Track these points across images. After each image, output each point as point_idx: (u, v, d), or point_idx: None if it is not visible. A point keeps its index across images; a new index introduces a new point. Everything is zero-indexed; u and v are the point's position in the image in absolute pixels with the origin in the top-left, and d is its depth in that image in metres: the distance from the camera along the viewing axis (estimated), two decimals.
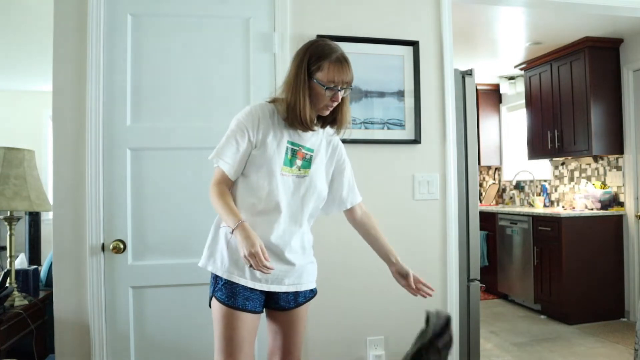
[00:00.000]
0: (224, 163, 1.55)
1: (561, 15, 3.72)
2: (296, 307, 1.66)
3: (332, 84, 1.51)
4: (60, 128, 2.14)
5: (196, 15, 2.24)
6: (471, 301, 2.61)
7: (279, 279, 1.59)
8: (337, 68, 1.52)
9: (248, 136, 1.55)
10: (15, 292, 2.26)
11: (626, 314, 4.19)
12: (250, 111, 1.58)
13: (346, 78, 1.54)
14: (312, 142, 1.63)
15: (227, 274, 1.54)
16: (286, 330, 1.67)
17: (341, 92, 1.55)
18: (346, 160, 1.75)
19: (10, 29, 3.78)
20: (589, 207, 4.38)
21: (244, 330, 1.52)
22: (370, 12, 2.44)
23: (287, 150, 1.57)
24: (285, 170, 1.57)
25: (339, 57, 1.54)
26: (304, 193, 1.61)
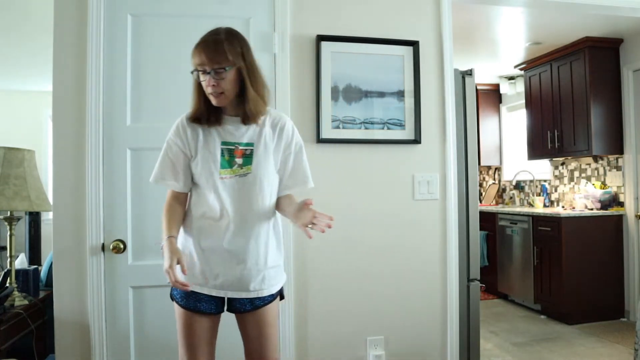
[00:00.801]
0: (165, 182, 1.60)
1: (561, 15, 3.72)
2: (254, 310, 1.61)
3: (198, 66, 1.48)
4: (60, 128, 2.14)
5: (196, 16, 2.24)
6: (471, 301, 2.61)
7: (234, 284, 1.57)
8: (199, 50, 1.48)
9: (179, 148, 1.58)
10: (15, 292, 2.26)
11: (626, 314, 4.19)
12: (175, 126, 1.60)
13: (211, 58, 1.46)
14: (249, 135, 1.57)
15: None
16: (250, 333, 1.62)
17: (213, 76, 1.46)
18: (292, 145, 1.64)
19: (10, 29, 3.78)
20: (589, 207, 4.38)
21: (198, 330, 1.58)
22: (370, 12, 2.44)
23: (222, 152, 1.55)
24: (224, 173, 1.55)
25: (205, 38, 1.50)
26: (250, 191, 1.56)
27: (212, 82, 1.47)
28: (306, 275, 2.32)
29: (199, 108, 1.55)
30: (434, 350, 2.46)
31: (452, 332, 2.46)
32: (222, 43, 1.47)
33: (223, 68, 1.46)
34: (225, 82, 1.48)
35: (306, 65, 2.35)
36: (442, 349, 2.46)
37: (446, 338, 2.46)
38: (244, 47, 1.53)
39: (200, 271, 1.58)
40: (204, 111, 1.55)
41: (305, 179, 1.68)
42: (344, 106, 2.38)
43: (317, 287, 2.34)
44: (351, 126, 2.39)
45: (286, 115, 1.70)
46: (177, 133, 1.59)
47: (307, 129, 2.34)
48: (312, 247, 2.33)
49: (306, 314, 2.32)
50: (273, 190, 1.63)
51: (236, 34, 1.54)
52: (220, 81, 1.47)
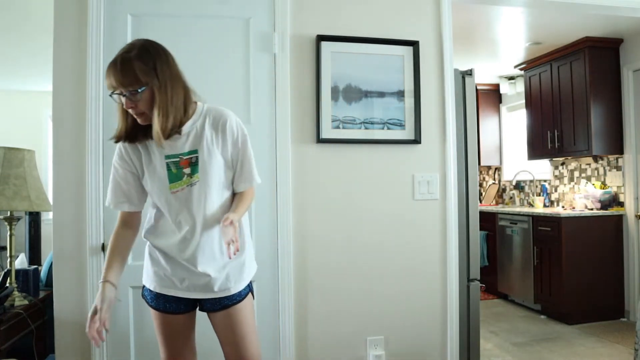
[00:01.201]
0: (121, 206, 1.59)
1: (561, 15, 3.72)
2: (223, 309, 1.60)
3: (110, 89, 1.41)
4: (60, 128, 2.14)
5: (196, 16, 2.24)
6: (471, 301, 2.61)
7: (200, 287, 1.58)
8: (109, 72, 1.39)
9: (126, 169, 1.55)
10: (15, 292, 2.26)
11: (626, 314, 4.19)
12: (118, 149, 1.57)
13: (121, 81, 1.37)
14: (190, 143, 1.51)
15: (147, 282, 1.65)
16: (224, 335, 1.62)
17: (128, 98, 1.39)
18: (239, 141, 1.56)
19: (10, 29, 3.78)
20: (589, 207, 4.38)
21: (172, 328, 1.62)
22: (370, 12, 2.44)
23: (168, 166, 1.51)
24: (175, 187, 1.52)
25: (115, 58, 1.40)
26: (201, 198, 1.52)
27: (129, 105, 1.40)
28: (306, 275, 2.32)
29: (124, 127, 1.49)
30: (434, 350, 2.46)
31: (452, 332, 2.46)
32: (131, 63, 1.38)
33: (136, 90, 1.38)
34: (142, 103, 1.41)
35: (306, 65, 2.35)
36: (442, 349, 2.46)
37: (446, 338, 2.46)
38: (158, 62, 1.43)
39: (168, 275, 1.59)
40: (130, 130, 1.49)
41: (250, 178, 1.59)
42: (344, 106, 2.38)
43: (317, 287, 2.34)
44: (351, 126, 2.39)
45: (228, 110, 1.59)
46: (120, 156, 1.56)
47: (307, 129, 2.34)
48: (312, 247, 2.33)
49: (306, 314, 2.32)
50: (225, 191, 1.59)
51: (149, 48, 1.44)
52: (137, 102, 1.40)
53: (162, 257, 1.59)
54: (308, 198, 2.33)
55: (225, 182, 1.58)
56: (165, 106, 1.42)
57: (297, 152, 2.33)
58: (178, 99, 1.45)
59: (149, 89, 1.40)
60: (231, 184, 1.61)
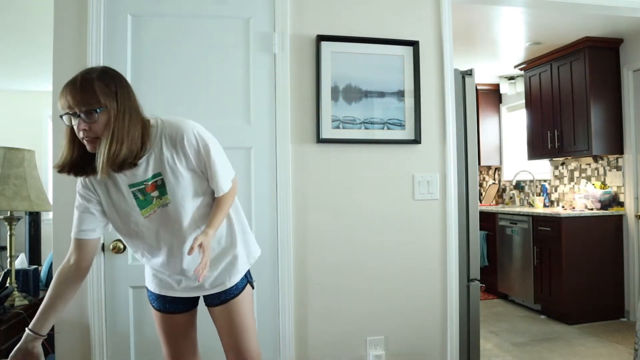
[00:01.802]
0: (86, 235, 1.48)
1: (561, 15, 3.72)
2: (222, 304, 1.62)
3: (66, 109, 1.31)
4: (60, 128, 2.13)
5: (196, 15, 2.24)
6: (471, 301, 2.61)
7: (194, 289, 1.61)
8: (66, 91, 1.30)
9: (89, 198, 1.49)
10: (15, 292, 2.26)
11: (626, 314, 4.19)
12: (79, 181, 1.50)
13: (79, 100, 1.28)
14: (152, 167, 1.44)
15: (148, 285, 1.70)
16: (223, 327, 1.63)
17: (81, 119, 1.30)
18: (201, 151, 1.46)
19: (10, 29, 3.78)
20: (589, 207, 4.38)
21: (173, 327, 1.66)
22: (371, 12, 2.44)
23: (134, 195, 1.46)
24: (147, 212, 1.47)
25: (74, 78, 1.33)
26: (176, 216, 1.49)
27: (82, 126, 1.30)
28: (306, 275, 2.32)
29: (69, 156, 1.38)
30: (434, 350, 2.46)
31: (452, 332, 2.46)
32: (92, 82, 1.31)
33: (94, 110, 1.29)
34: (97, 126, 1.31)
35: (306, 65, 2.35)
36: (442, 349, 2.46)
37: (446, 338, 2.46)
38: (119, 88, 1.36)
39: (165, 278, 1.63)
40: (76, 160, 1.38)
41: (217, 187, 1.51)
42: (344, 106, 2.38)
43: (317, 287, 2.34)
44: (351, 126, 2.39)
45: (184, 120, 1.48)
46: (84, 185, 1.49)
47: (307, 129, 2.34)
48: (312, 247, 2.33)
49: (306, 314, 2.32)
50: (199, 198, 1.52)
51: (112, 73, 1.38)
52: (92, 124, 1.30)
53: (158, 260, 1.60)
54: (308, 198, 2.33)
55: (199, 191, 1.52)
56: (121, 134, 1.32)
57: (297, 152, 2.33)
58: (135, 130, 1.36)
59: (107, 113, 1.32)
60: (208, 187, 1.54)
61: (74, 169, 1.40)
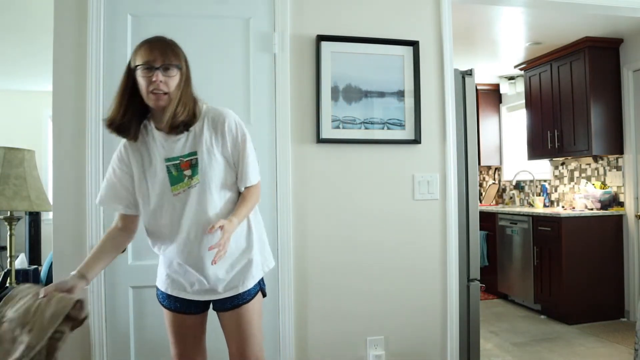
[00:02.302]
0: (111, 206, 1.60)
1: (561, 15, 3.71)
2: (233, 309, 1.61)
3: (147, 62, 1.41)
4: (60, 128, 2.14)
5: (196, 15, 2.24)
6: (471, 301, 2.61)
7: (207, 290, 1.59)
8: (148, 46, 1.44)
9: (123, 171, 1.56)
10: None
11: (626, 314, 4.19)
12: (118, 151, 1.58)
13: (163, 53, 1.42)
14: (190, 145, 1.51)
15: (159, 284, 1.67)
16: (231, 332, 1.63)
17: (161, 72, 1.41)
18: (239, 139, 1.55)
19: (10, 29, 3.78)
20: (589, 207, 4.38)
21: (184, 327, 1.64)
22: (370, 12, 2.44)
23: (168, 169, 1.51)
24: (176, 189, 1.51)
25: (152, 38, 1.47)
26: (202, 200, 1.51)
27: (160, 78, 1.41)
28: (306, 275, 2.32)
29: (118, 112, 1.46)
30: (434, 350, 2.46)
31: (452, 332, 2.46)
32: (171, 43, 1.47)
33: (174, 65, 1.44)
34: (172, 81, 1.44)
35: (306, 65, 2.35)
36: (442, 349, 2.46)
37: (446, 338, 2.46)
38: (186, 59, 1.52)
39: (179, 278, 1.61)
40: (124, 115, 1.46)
41: (244, 177, 1.57)
42: (344, 106, 2.38)
43: (317, 287, 2.34)
44: (351, 126, 2.39)
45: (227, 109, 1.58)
46: (119, 157, 1.56)
47: (307, 129, 2.34)
48: (312, 247, 2.34)
49: (306, 314, 2.32)
50: (227, 192, 1.58)
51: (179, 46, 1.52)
52: (168, 79, 1.43)
53: (174, 264, 1.60)
54: (308, 198, 2.33)
55: (227, 183, 1.57)
56: (186, 98, 1.46)
57: (297, 152, 2.33)
58: (192, 99, 1.50)
59: (180, 73, 1.46)
60: (235, 184, 1.60)
61: (121, 127, 1.48)
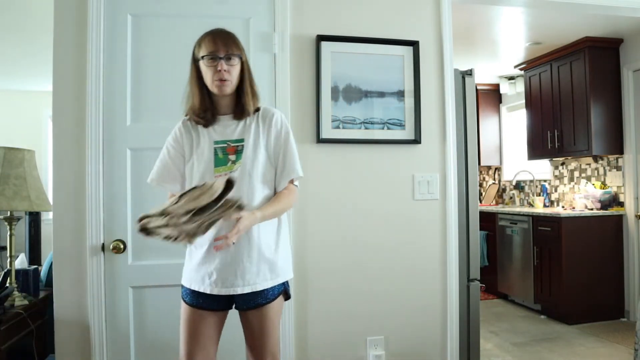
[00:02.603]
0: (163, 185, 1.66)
1: (561, 15, 3.72)
2: (256, 308, 1.63)
3: (211, 53, 1.54)
4: (60, 128, 2.14)
5: (196, 15, 2.24)
6: (471, 301, 2.61)
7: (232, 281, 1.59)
8: (212, 38, 1.56)
9: (177, 151, 1.65)
10: (15, 292, 2.26)
11: (626, 314, 4.19)
12: (173, 131, 1.68)
13: (224, 47, 1.55)
14: (239, 132, 1.63)
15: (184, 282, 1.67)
16: (252, 330, 1.65)
17: (225, 62, 1.55)
18: (282, 134, 1.66)
19: (10, 29, 3.78)
20: (589, 207, 4.38)
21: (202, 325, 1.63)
22: (370, 12, 2.44)
23: (215, 151, 1.60)
24: (219, 171, 1.59)
25: (214, 30, 1.60)
26: (241, 186, 1.56)
27: (224, 67, 1.54)
28: (306, 275, 2.32)
29: (202, 99, 1.60)
30: (434, 350, 2.46)
31: (452, 332, 2.46)
32: (232, 35, 1.60)
33: (236, 55, 1.57)
34: (234, 70, 1.57)
35: (306, 65, 2.35)
36: (442, 349, 2.46)
37: (446, 338, 2.46)
38: (244, 48, 1.64)
39: (203, 272, 1.61)
40: (206, 103, 1.60)
41: (291, 169, 1.65)
42: (344, 106, 2.38)
43: (317, 287, 2.34)
44: (351, 126, 2.39)
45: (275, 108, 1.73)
46: (174, 137, 1.66)
47: (307, 129, 2.34)
48: (312, 247, 2.33)
49: (306, 314, 2.32)
50: (266, 184, 1.63)
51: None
52: (230, 68, 1.56)
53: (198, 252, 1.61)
54: (308, 198, 2.33)
55: (266, 178, 1.63)
56: (251, 84, 1.62)
57: (297, 151, 2.32)
58: (256, 88, 1.66)
59: (240, 63, 1.59)
60: (273, 182, 1.65)
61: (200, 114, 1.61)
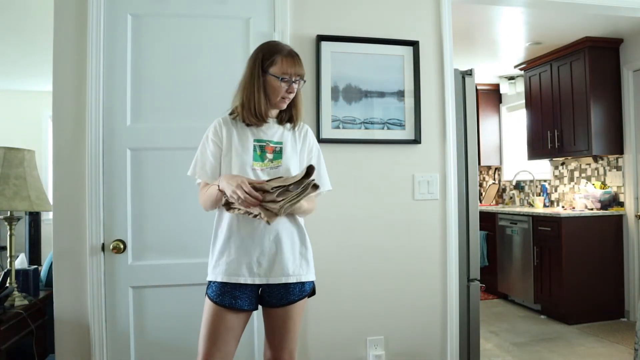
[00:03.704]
0: (205, 177, 1.69)
1: (561, 15, 3.72)
2: (288, 305, 1.68)
3: (287, 75, 1.63)
4: (60, 128, 2.14)
5: (196, 16, 2.24)
6: (471, 301, 2.61)
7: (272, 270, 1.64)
8: (290, 61, 1.65)
9: (216, 144, 1.70)
10: (15, 292, 2.26)
11: (626, 314, 4.19)
12: (213, 126, 1.73)
13: (299, 70, 1.66)
14: (278, 135, 1.72)
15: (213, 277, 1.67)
16: (277, 327, 1.70)
17: (295, 84, 1.66)
18: (314, 149, 1.80)
19: (10, 29, 3.78)
20: (589, 207, 4.38)
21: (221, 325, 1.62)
22: (370, 12, 2.44)
23: (254, 148, 1.68)
24: (257, 165, 1.66)
25: (290, 51, 1.69)
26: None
27: (294, 89, 1.67)
28: None
29: (265, 106, 1.68)
30: (434, 350, 2.46)
31: (452, 332, 2.46)
32: (299, 57, 1.70)
33: (301, 79, 1.68)
34: (296, 89, 1.69)
35: (306, 65, 2.31)
36: (442, 349, 2.46)
37: (446, 338, 2.46)
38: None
39: (239, 263, 1.63)
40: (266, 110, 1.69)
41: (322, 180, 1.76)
42: (344, 106, 2.38)
43: (316, 286, 2.33)
44: (351, 126, 2.39)
45: None
46: (215, 132, 1.71)
47: None
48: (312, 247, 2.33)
49: (306, 314, 2.32)
50: None
51: None
52: (296, 89, 1.68)
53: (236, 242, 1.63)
54: None
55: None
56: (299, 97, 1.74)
57: None
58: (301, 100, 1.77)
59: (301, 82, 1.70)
60: None
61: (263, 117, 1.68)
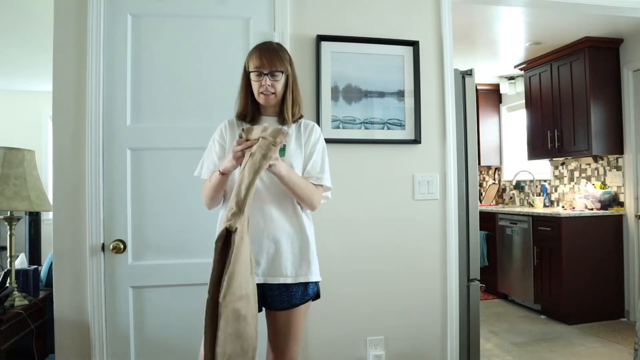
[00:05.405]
0: (209, 175, 1.71)
1: (561, 15, 3.72)
2: (290, 308, 1.69)
3: (258, 69, 1.66)
4: (60, 128, 2.14)
5: (196, 16, 2.24)
6: (471, 301, 2.61)
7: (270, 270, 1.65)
8: (262, 54, 1.67)
9: (221, 145, 1.75)
10: (15, 292, 2.26)
11: (626, 314, 4.19)
12: (219, 127, 1.79)
13: (273, 63, 1.66)
14: None
15: None
16: (280, 330, 1.70)
17: (270, 78, 1.66)
18: (318, 144, 1.78)
19: (10, 29, 3.78)
20: (589, 207, 4.38)
21: None
22: (370, 12, 2.44)
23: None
24: None
25: (265, 45, 1.72)
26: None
27: (268, 82, 1.67)
28: None
29: (245, 106, 1.74)
30: (434, 350, 2.46)
31: (452, 332, 2.46)
32: (278, 51, 1.70)
33: (280, 71, 1.67)
34: (278, 84, 1.68)
35: (306, 65, 2.35)
36: (442, 349, 2.46)
37: (446, 338, 2.46)
38: (291, 60, 1.75)
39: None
40: (248, 109, 1.74)
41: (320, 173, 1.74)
42: (344, 106, 2.38)
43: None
44: (351, 126, 2.39)
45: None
46: (220, 133, 1.77)
47: None
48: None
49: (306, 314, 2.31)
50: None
51: (284, 48, 1.76)
52: (274, 83, 1.68)
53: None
54: None
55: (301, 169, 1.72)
56: (293, 95, 1.74)
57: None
58: (299, 98, 1.77)
59: (285, 76, 1.70)
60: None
61: (246, 115, 1.74)
